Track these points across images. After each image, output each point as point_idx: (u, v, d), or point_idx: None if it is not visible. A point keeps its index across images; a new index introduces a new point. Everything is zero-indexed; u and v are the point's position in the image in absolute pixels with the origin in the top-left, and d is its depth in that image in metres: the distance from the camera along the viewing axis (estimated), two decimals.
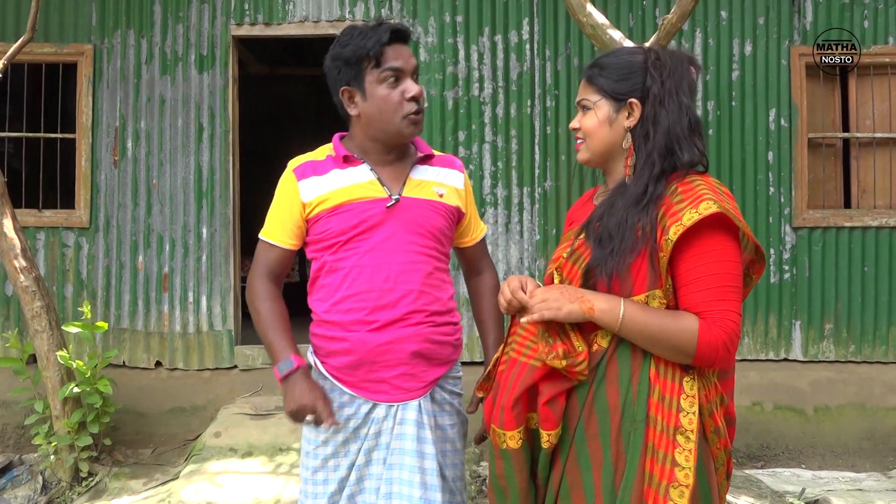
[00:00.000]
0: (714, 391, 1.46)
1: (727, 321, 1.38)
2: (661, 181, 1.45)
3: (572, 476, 1.46)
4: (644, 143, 1.48)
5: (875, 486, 4.06)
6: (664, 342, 1.39)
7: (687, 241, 1.39)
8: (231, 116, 4.86)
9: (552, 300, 1.45)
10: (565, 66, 4.87)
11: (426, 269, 1.79)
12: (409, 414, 1.75)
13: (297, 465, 3.78)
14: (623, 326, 1.40)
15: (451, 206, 1.86)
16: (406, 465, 1.72)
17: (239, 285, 4.96)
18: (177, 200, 4.85)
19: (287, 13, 4.88)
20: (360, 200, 1.76)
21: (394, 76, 1.74)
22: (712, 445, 1.45)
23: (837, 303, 4.87)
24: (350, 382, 1.78)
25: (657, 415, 1.40)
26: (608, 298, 1.42)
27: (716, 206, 1.36)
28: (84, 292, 4.83)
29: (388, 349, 1.74)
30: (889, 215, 4.87)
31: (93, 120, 4.86)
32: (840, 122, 5.07)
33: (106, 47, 4.88)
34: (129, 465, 4.21)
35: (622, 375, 1.44)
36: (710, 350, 1.37)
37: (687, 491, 1.35)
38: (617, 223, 1.44)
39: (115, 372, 4.52)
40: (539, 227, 4.86)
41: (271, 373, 4.76)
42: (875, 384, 4.76)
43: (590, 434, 1.45)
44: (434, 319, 1.79)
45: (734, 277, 1.40)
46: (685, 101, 1.48)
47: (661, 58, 1.51)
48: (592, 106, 1.55)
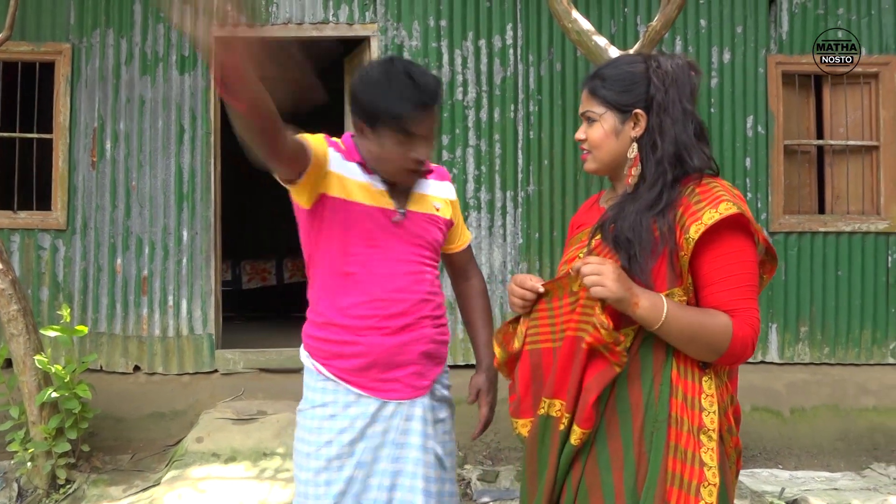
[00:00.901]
0: (726, 391, 1.49)
1: (753, 318, 1.41)
2: (675, 187, 1.47)
3: (591, 477, 1.46)
4: (652, 153, 1.50)
5: (850, 485, 4.15)
6: (701, 340, 1.40)
7: (707, 241, 1.41)
8: (213, 118, 4.82)
9: (609, 278, 1.38)
10: (548, 72, 4.92)
11: (428, 278, 1.89)
12: (416, 411, 1.84)
13: (281, 470, 3.75)
14: (664, 324, 1.39)
15: (446, 218, 1.96)
16: (412, 459, 1.81)
17: (220, 289, 4.91)
18: (157, 202, 4.79)
19: (270, 15, 4.85)
20: (370, 205, 1.81)
21: (408, 139, 1.75)
22: (726, 444, 1.47)
23: (812, 306, 4.98)
24: (359, 383, 1.81)
25: (682, 415, 1.41)
26: (651, 295, 1.41)
27: (735, 208, 1.40)
28: (60, 295, 4.74)
29: (402, 351, 1.82)
30: (861, 221, 4.99)
31: (70, 120, 4.78)
32: (815, 130, 5.19)
33: (84, 46, 4.80)
34: (107, 471, 4.14)
35: (644, 376, 1.45)
36: (742, 346, 1.40)
37: (715, 490, 1.38)
38: (631, 226, 1.45)
39: (92, 377, 4.43)
40: (522, 231, 4.90)
41: (252, 377, 4.75)
42: (848, 385, 4.87)
43: (611, 435, 1.45)
44: (436, 322, 1.90)
45: (755, 277, 1.45)
46: (689, 108, 1.50)
47: (663, 66, 1.52)
48: (598, 118, 1.56)
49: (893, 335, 5.00)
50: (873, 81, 5.07)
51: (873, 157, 5.07)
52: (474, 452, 4.31)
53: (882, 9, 5.02)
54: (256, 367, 4.79)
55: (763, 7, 5.01)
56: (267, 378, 4.74)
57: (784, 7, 5.01)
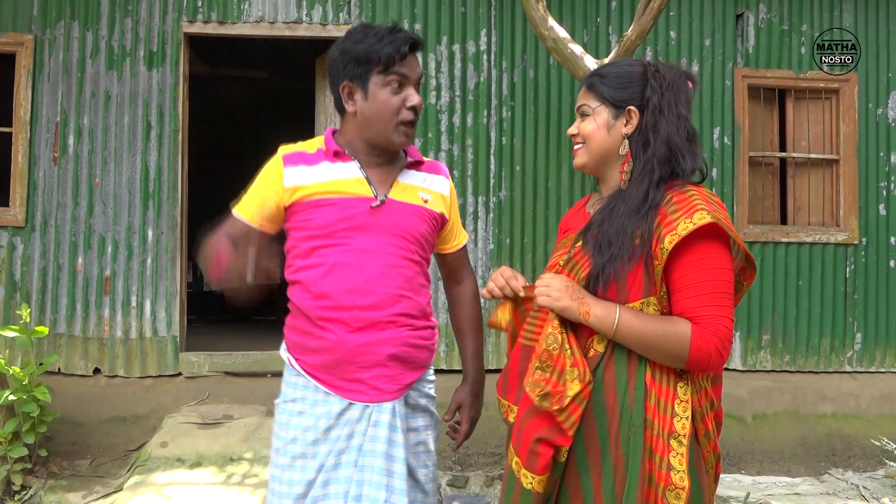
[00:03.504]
0: (705, 396, 1.49)
1: (720, 326, 1.41)
2: (660, 187, 1.49)
3: (571, 480, 1.48)
4: (643, 151, 1.52)
5: (810, 490, 4.25)
6: (658, 348, 1.42)
7: (681, 250, 1.43)
8: (181, 116, 4.72)
9: (554, 289, 1.48)
10: (521, 78, 4.94)
11: (407, 274, 1.78)
12: (382, 416, 1.74)
13: (249, 476, 3.68)
14: (618, 332, 1.43)
15: (435, 212, 1.86)
16: (375, 467, 1.71)
17: (185, 290, 4.81)
18: (121, 201, 4.66)
19: (242, 12, 4.78)
20: (345, 196, 1.75)
21: (399, 82, 1.74)
22: (703, 448, 1.49)
23: (774, 315, 5.09)
24: (326, 381, 1.76)
25: (654, 419, 1.43)
26: (604, 305, 1.45)
27: (709, 217, 1.40)
28: (17, 295, 4.58)
29: (366, 350, 1.72)
30: (822, 232, 5.13)
31: (31, 114, 4.63)
32: (778, 142, 5.32)
33: (48, 38, 4.66)
34: (65, 477, 4.00)
35: (619, 380, 1.46)
36: (703, 355, 1.40)
37: (683, 493, 1.39)
38: (616, 231, 1.47)
39: (49, 379, 4.29)
40: (494, 237, 4.90)
41: (217, 380, 4.66)
42: (808, 393, 5.00)
43: (588, 438, 1.47)
44: (413, 323, 1.78)
45: (726, 284, 1.44)
46: (683, 113, 1.53)
47: (661, 70, 1.56)
48: (591, 112, 1.58)
49: (850, 344, 5.15)
50: (834, 97, 5.23)
51: (833, 170, 5.22)
52: (443, 458, 4.29)
53: (844, 27, 5.18)
54: (222, 371, 4.69)
55: (730, 21, 5.12)
56: (233, 382, 4.65)
57: (751, 22, 5.14)
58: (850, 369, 5.15)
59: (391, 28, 1.75)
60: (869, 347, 5.16)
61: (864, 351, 5.16)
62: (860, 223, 5.16)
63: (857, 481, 4.35)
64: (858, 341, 5.16)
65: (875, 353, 5.17)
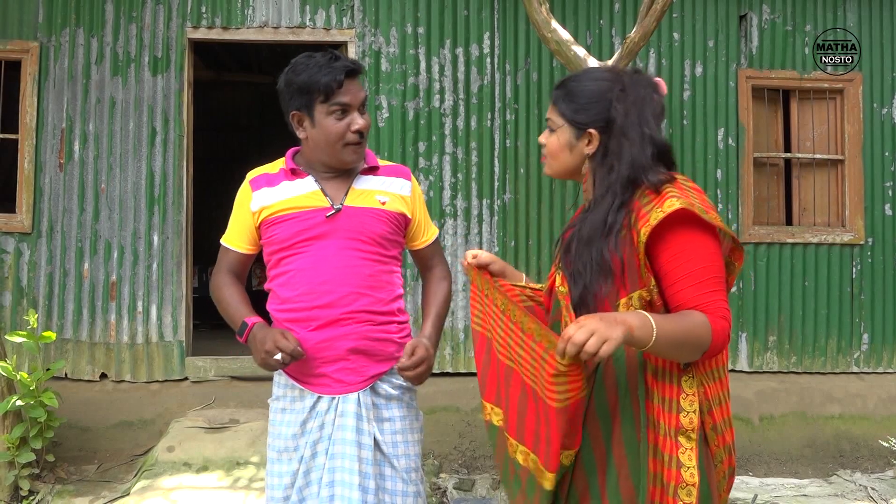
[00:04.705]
0: (720, 387, 1.49)
1: (723, 310, 1.42)
2: (620, 212, 1.47)
3: (580, 482, 1.48)
4: (608, 174, 1.51)
5: (818, 491, 4.24)
6: (690, 343, 1.38)
7: (660, 240, 1.42)
8: (185, 121, 4.74)
9: (602, 331, 1.28)
10: (525, 81, 4.95)
11: (365, 272, 1.91)
12: (348, 406, 1.87)
13: (255, 479, 3.69)
14: (657, 339, 1.34)
15: (393, 212, 1.97)
16: (347, 454, 1.84)
17: (191, 294, 4.82)
18: (127, 206, 4.68)
19: (246, 18, 4.79)
20: (302, 209, 1.90)
21: (341, 109, 1.88)
22: (711, 443, 1.47)
23: (780, 316, 5.08)
24: (298, 378, 1.92)
25: (659, 418, 1.42)
26: (636, 315, 1.36)
27: (679, 203, 1.39)
28: (24, 301, 4.60)
29: (327, 346, 1.87)
30: (827, 232, 5.12)
31: (37, 121, 4.65)
32: (782, 143, 5.31)
33: (53, 45, 4.68)
34: (72, 482, 4.02)
35: (619, 382, 1.46)
36: (721, 339, 1.40)
37: (694, 490, 1.39)
38: (584, 263, 1.48)
39: (56, 384, 4.30)
40: (498, 239, 4.90)
41: (223, 385, 4.66)
42: (815, 394, 4.98)
43: (593, 439, 1.47)
44: (373, 318, 1.91)
45: (717, 269, 1.44)
46: (647, 132, 1.50)
47: (626, 88, 1.52)
48: (556, 129, 1.60)
49: (857, 345, 5.13)
50: (838, 97, 5.22)
51: (839, 170, 5.21)
52: (450, 461, 4.29)
53: (847, 27, 5.17)
54: (228, 375, 4.70)
55: (734, 22, 5.12)
56: (239, 386, 4.66)
57: (754, 23, 5.13)
58: (858, 370, 5.13)
59: (329, 57, 1.89)
60: (876, 348, 5.14)
61: (871, 351, 5.14)
62: (866, 223, 5.14)
63: (866, 483, 4.33)
64: (865, 342, 5.14)
65: (882, 353, 5.15)
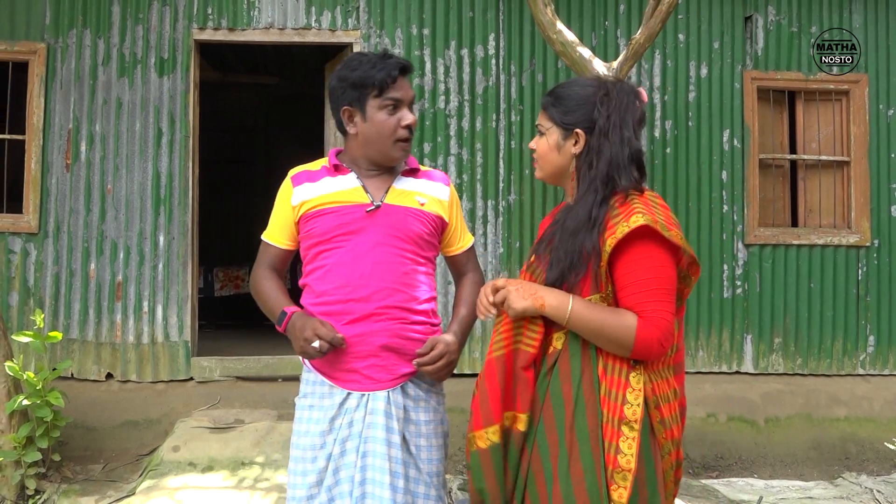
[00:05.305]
0: (667, 385, 1.63)
1: (661, 320, 1.55)
2: (603, 205, 1.62)
3: (536, 465, 1.62)
4: (588, 171, 1.66)
5: (823, 494, 4.22)
6: (606, 335, 1.56)
7: (621, 251, 1.57)
8: (191, 122, 4.75)
9: (511, 298, 1.63)
10: (530, 82, 4.95)
11: (401, 269, 1.91)
12: (378, 404, 1.87)
13: (261, 479, 3.69)
14: (570, 320, 1.58)
15: (431, 213, 2.00)
16: (378, 452, 1.83)
17: (196, 295, 4.83)
18: (133, 206, 4.70)
19: (252, 19, 4.81)
20: (342, 204, 1.92)
21: (393, 104, 1.93)
22: (658, 435, 1.60)
23: (786, 317, 5.07)
24: (328, 373, 1.91)
25: (604, 408, 1.56)
26: (558, 294, 1.60)
27: (643, 219, 1.54)
28: (31, 301, 4.62)
29: (359, 341, 1.87)
30: (833, 234, 5.11)
31: (44, 121, 4.67)
32: (788, 144, 5.30)
33: (60, 46, 4.71)
34: (78, 481, 4.03)
35: (574, 372, 1.60)
36: (646, 345, 1.54)
37: (629, 475, 1.52)
38: (565, 251, 1.63)
39: (62, 384, 4.32)
40: (503, 240, 4.91)
41: (229, 385, 4.68)
42: (820, 396, 4.97)
43: (547, 425, 1.61)
44: (406, 316, 1.91)
45: (667, 280, 1.58)
46: (627, 134, 1.65)
47: (610, 93, 1.68)
48: (545, 132, 1.74)
49: (863, 347, 5.12)
50: (844, 98, 5.21)
51: (844, 171, 5.20)
52: (455, 462, 4.29)
53: (853, 28, 5.16)
54: (233, 375, 4.71)
55: (739, 23, 5.11)
56: (244, 386, 4.67)
57: (759, 24, 5.13)
58: (864, 372, 5.11)
59: (382, 55, 1.95)
60: (882, 350, 5.13)
61: (877, 353, 5.12)
62: (872, 225, 5.13)
63: (871, 485, 4.32)
64: (871, 344, 5.12)
65: (888, 355, 5.13)
